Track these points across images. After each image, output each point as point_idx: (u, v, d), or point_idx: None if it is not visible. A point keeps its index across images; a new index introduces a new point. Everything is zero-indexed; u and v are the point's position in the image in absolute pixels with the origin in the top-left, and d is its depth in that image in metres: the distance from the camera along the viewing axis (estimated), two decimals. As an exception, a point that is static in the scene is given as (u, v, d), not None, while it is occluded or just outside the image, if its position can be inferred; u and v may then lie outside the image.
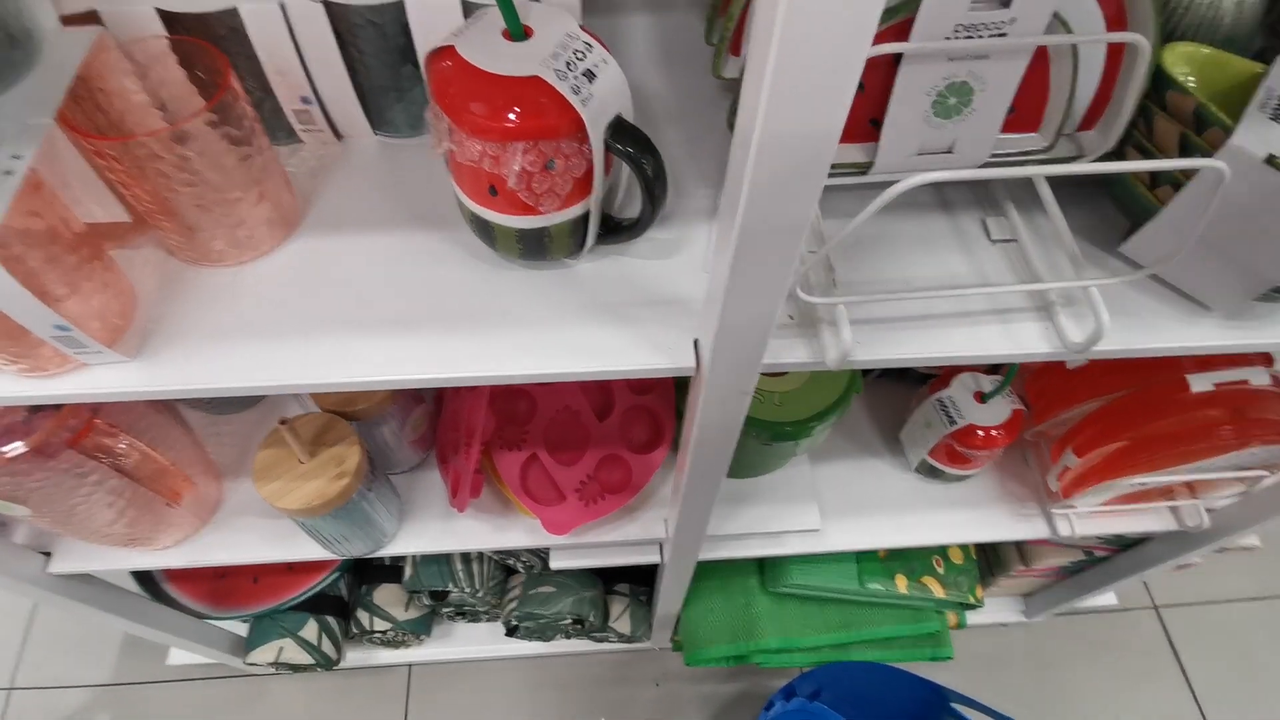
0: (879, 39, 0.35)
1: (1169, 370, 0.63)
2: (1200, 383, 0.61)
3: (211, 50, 0.39)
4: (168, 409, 0.58)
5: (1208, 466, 0.63)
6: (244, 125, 0.39)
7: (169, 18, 0.41)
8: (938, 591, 0.86)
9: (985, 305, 0.43)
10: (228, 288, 0.43)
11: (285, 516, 0.57)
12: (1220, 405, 0.62)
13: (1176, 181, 0.39)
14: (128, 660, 1.10)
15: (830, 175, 0.41)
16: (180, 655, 1.05)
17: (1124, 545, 0.86)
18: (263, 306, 0.43)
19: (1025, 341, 0.42)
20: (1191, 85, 0.39)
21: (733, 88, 0.52)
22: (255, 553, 0.65)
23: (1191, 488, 0.74)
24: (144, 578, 0.86)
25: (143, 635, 0.82)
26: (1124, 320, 0.42)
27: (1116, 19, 0.38)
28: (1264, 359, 0.64)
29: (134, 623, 0.78)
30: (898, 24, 0.35)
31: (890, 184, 0.31)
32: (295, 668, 0.93)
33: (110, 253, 0.42)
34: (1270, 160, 0.36)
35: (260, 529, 0.66)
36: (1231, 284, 0.40)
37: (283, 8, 0.41)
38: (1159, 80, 0.39)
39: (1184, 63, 0.41)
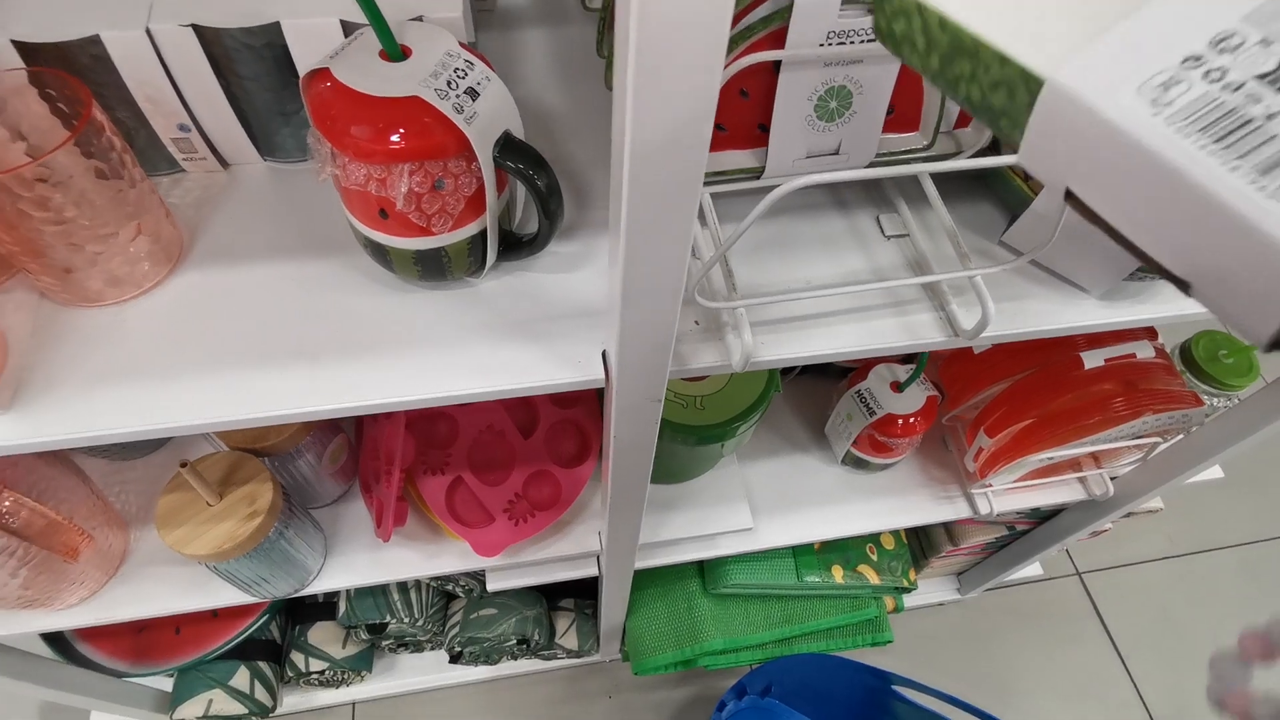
0: (756, 46, 0.36)
1: (1065, 349, 0.67)
2: (1093, 359, 0.64)
3: (71, 81, 0.37)
4: (58, 460, 0.55)
5: (1107, 437, 0.67)
6: (111, 157, 0.37)
7: (27, 49, 0.39)
8: (873, 578, 0.88)
9: (882, 299, 0.44)
10: (109, 328, 0.41)
11: (197, 563, 0.55)
12: (1112, 379, 0.66)
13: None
14: (44, 730, 1.03)
15: (723, 181, 0.42)
16: (103, 719, 0.98)
17: (1041, 518, 0.90)
18: (149, 345, 0.41)
19: (921, 331, 0.43)
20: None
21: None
22: (168, 604, 0.62)
23: (1096, 459, 0.78)
24: (55, 639, 0.81)
25: (59, 701, 0.77)
26: (1010, 306, 0.44)
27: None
28: (1149, 333, 0.69)
29: (48, 688, 0.73)
30: (774, 31, 0.36)
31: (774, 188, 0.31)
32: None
33: (-27, 299, 0.39)
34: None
35: (172, 578, 0.63)
36: (1103, 266, 0.43)
37: (149, 33, 0.39)
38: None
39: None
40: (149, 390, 0.39)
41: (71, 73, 0.38)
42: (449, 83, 0.34)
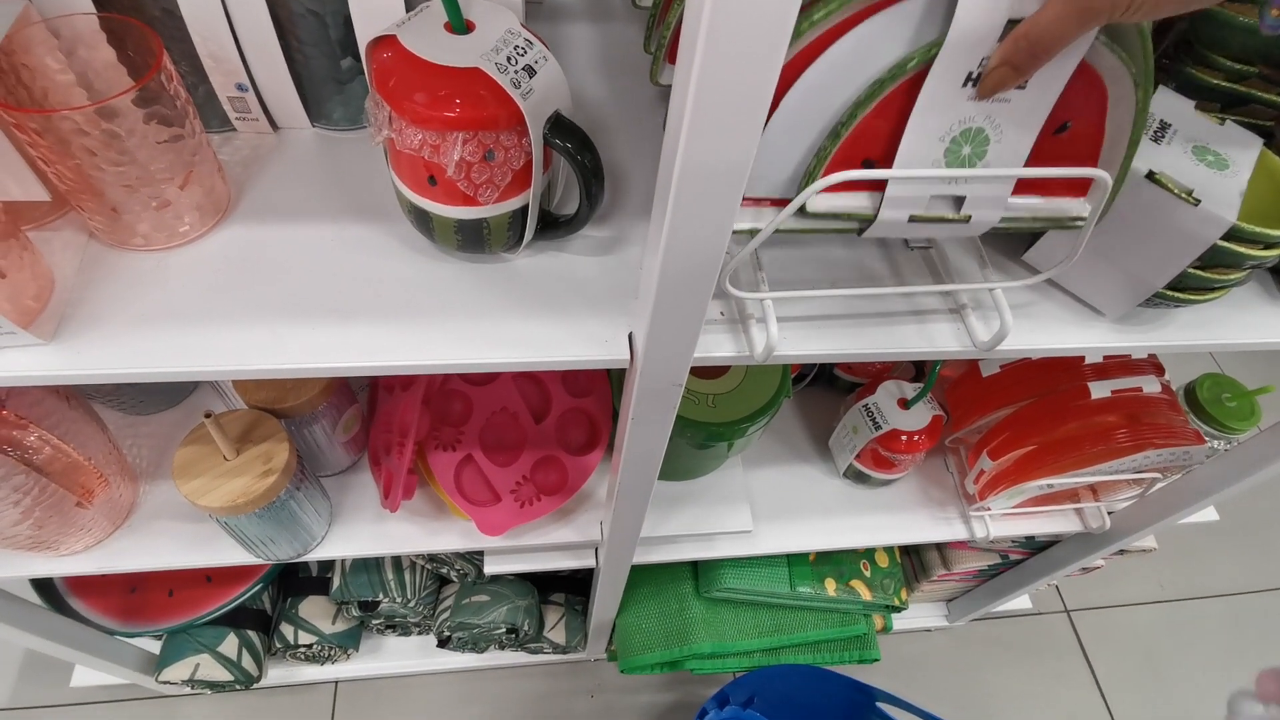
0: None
1: (1072, 378, 0.68)
2: (1099, 389, 0.65)
3: (144, 29, 0.38)
4: (82, 405, 0.56)
5: (1108, 469, 0.68)
6: (176, 106, 0.38)
7: (100, -3, 0.41)
8: (865, 594, 0.89)
9: (903, 306, 0.46)
10: (152, 273, 0.42)
11: (205, 518, 0.56)
12: (1117, 411, 0.67)
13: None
14: (27, 684, 1.03)
15: (820, 231, 0.39)
16: (86, 676, 0.98)
17: (1035, 548, 0.91)
18: (189, 293, 0.42)
19: (939, 340, 0.44)
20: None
21: (669, 94, 0.54)
22: (171, 558, 0.63)
23: (1095, 491, 0.79)
24: (47, 589, 0.81)
25: (45, 651, 0.77)
26: (1027, 323, 0.45)
27: None
28: (1156, 368, 0.70)
29: (36, 636, 0.74)
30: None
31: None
32: (212, 686, 0.89)
33: (27, 233, 0.40)
34: (1150, 175, 0.39)
35: (177, 533, 0.64)
36: (1120, 290, 0.44)
37: (220, -8, 0.40)
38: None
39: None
40: (185, 335, 0.40)
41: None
42: (509, 58, 0.36)
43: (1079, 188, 0.40)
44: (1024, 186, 0.38)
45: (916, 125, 0.34)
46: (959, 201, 0.38)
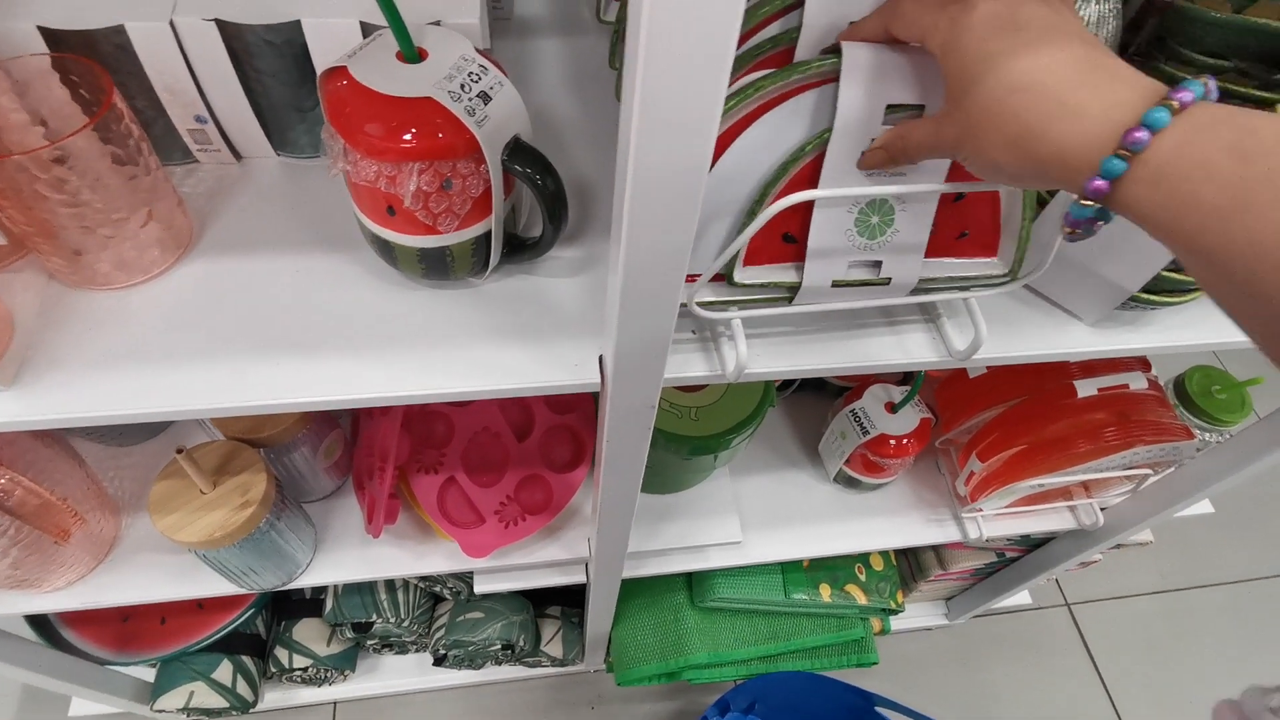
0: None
1: (1059, 377, 0.67)
2: (1086, 388, 0.65)
3: (94, 67, 0.38)
4: (56, 441, 0.55)
5: (1098, 467, 0.67)
6: (128, 144, 0.38)
7: (52, 35, 0.40)
8: (861, 598, 0.88)
9: (877, 317, 0.45)
10: (114, 312, 0.42)
11: (187, 551, 0.55)
12: (1105, 409, 0.67)
13: (1043, 199, 0.42)
14: (27, 715, 1.02)
15: (754, 303, 0.40)
16: (83, 706, 0.98)
17: (1031, 546, 0.90)
18: (151, 331, 0.41)
19: (914, 350, 0.44)
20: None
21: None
22: (155, 591, 0.62)
23: (1087, 488, 0.78)
24: (41, 624, 0.81)
25: (40, 685, 0.77)
26: (1004, 329, 0.45)
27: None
28: (1142, 365, 0.69)
29: (30, 671, 0.73)
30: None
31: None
32: (208, 713, 0.88)
33: (-16, 277, 0.40)
34: (1119, 180, 0.39)
35: (161, 566, 0.63)
36: (1095, 294, 0.43)
37: (173, 25, 0.40)
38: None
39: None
40: (150, 374, 0.40)
41: (94, 60, 0.38)
42: (462, 86, 0.35)
43: (989, 247, 0.41)
44: (935, 249, 0.40)
45: (825, 201, 0.37)
46: (877, 265, 0.40)
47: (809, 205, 0.37)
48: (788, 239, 0.39)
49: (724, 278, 0.40)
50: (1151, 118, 0.24)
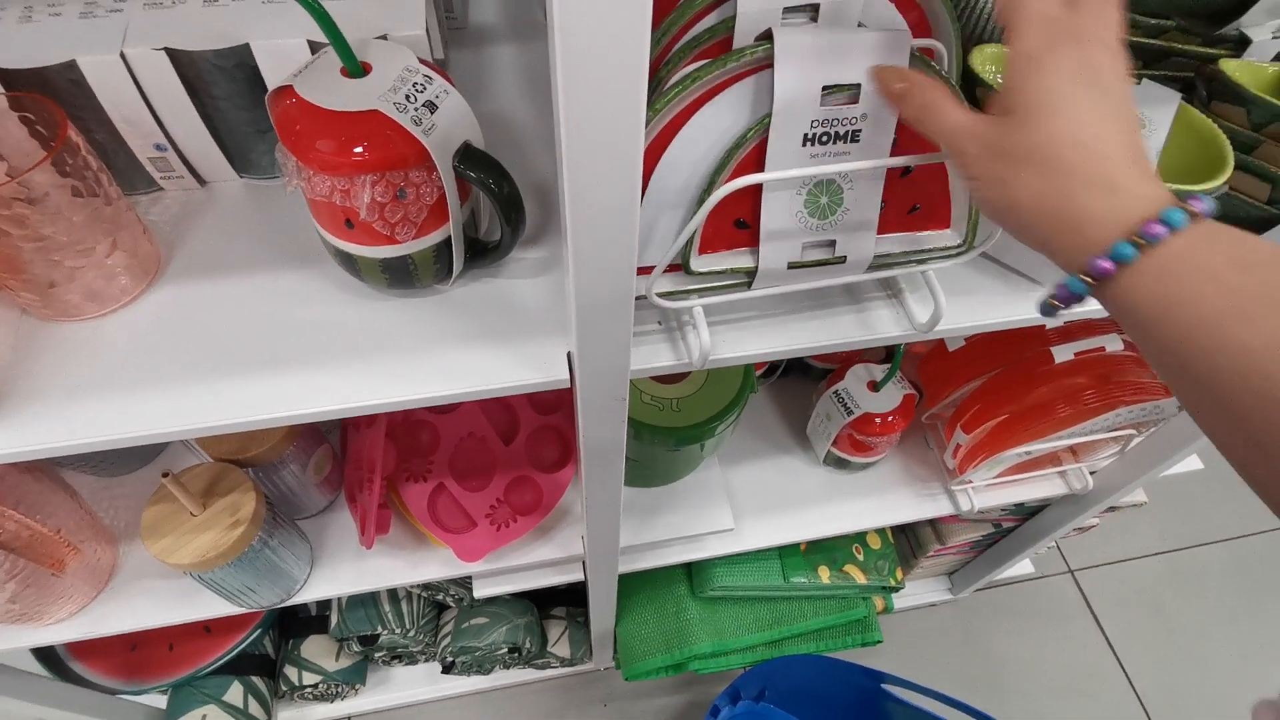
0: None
1: (1036, 344, 0.68)
2: (1063, 353, 0.65)
3: (48, 104, 0.38)
4: (45, 473, 0.56)
5: (1081, 430, 0.68)
6: (87, 176, 0.38)
7: (7, 75, 0.41)
8: (860, 578, 0.89)
9: (840, 296, 0.46)
10: (89, 341, 0.42)
11: (183, 574, 0.56)
12: (1084, 372, 0.67)
13: (994, 169, 0.43)
14: (41, 750, 1.03)
15: (712, 290, 0.41)
16: (98, 737, 0.99)
17: (1025, 514, 0.91)
18: (128, 357, 0.42)
19: (878, 326, 0.44)
20: (998, 81, 0.43)
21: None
22: (157, 616, 0.63)
23: (1074, 452, 0.79)
24: (48, 657, 0.82)
25: (51, 719, 0.77)
26: (964, 299, 0.45)
27: (920, 27, 0.41)
28: (1117, 325, 0.70)
29: (40, 705, 0.74)
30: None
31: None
32: (222, 734, 0.89)
33: (-44, 316, 0.40)
34: (1063, 143, 0.39)
35: (161, 591, 0.64)
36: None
37: (124, 58, 0.41)
38: (968, 78, 0.43)
39: (991, 62, 0.45)
40: (127, 400, 0.40)
41: (51, 97, 0.39)
42: (408, 96, 0.36)
43: (942, 220, 0.42)
44: (889, 225, 0.41)
45: (772, 184, 0.37)
46: (831, 245, 0.40)
47: (758, 190, 0.38)
48: (740, 225, 0.40)
49: (682, 267, 0.40)
50: (1171, 216, 0.26)
